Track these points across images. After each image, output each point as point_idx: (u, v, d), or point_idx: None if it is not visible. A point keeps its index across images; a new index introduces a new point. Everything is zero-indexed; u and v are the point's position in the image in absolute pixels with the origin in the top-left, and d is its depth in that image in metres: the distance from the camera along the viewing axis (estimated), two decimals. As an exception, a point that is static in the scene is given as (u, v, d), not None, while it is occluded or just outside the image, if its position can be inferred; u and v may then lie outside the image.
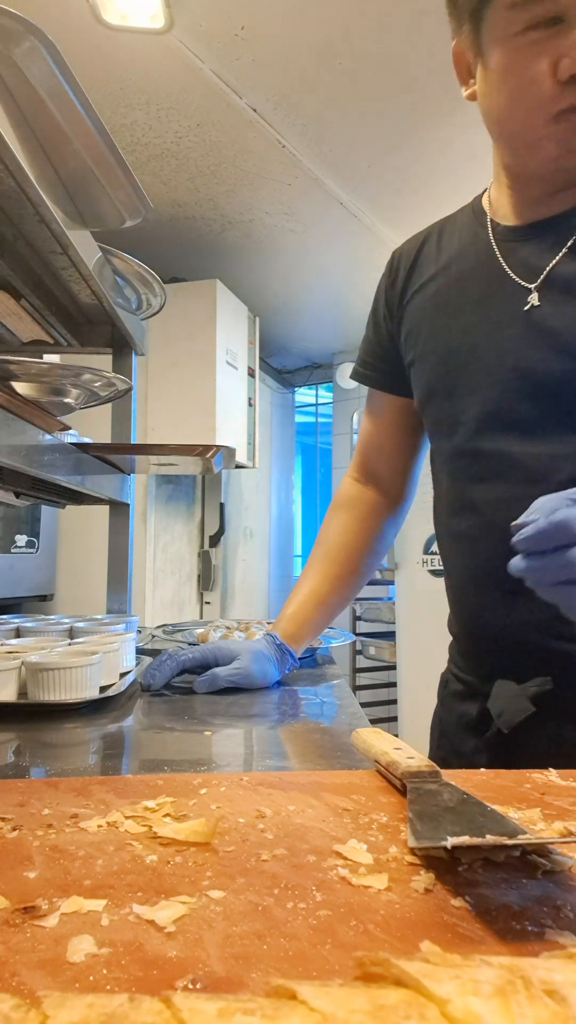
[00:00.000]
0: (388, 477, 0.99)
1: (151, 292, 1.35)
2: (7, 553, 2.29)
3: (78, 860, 0.36)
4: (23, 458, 0.84)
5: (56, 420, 0.99)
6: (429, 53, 1.72)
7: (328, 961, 0.27)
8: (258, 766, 0.62)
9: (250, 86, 1.87)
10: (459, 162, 2.21)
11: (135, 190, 0.87)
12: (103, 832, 0.39)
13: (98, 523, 1.57)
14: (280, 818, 0.41)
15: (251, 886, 0.33)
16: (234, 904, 0.31)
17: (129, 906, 0.31)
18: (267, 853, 0.36)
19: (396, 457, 0.98)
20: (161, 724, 0.76)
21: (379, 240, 2.73)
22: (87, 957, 0.27)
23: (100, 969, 0.26)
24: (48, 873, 0.34)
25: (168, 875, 0.34)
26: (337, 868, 0.35)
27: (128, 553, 1.48)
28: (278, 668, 0.90)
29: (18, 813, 0.42)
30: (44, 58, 0.65)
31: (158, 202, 2.45)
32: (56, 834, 0.39)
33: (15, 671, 0.80)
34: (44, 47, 0.64)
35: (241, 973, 0.26)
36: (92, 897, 0.31)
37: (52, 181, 0.83)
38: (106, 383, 0.98)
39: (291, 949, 0.27)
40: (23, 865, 0.35)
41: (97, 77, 1.83)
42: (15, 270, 1.06)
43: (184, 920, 0.30)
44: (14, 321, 1.21)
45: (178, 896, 0.32)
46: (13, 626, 1.12)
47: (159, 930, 0.29)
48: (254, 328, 3.09)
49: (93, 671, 0.81)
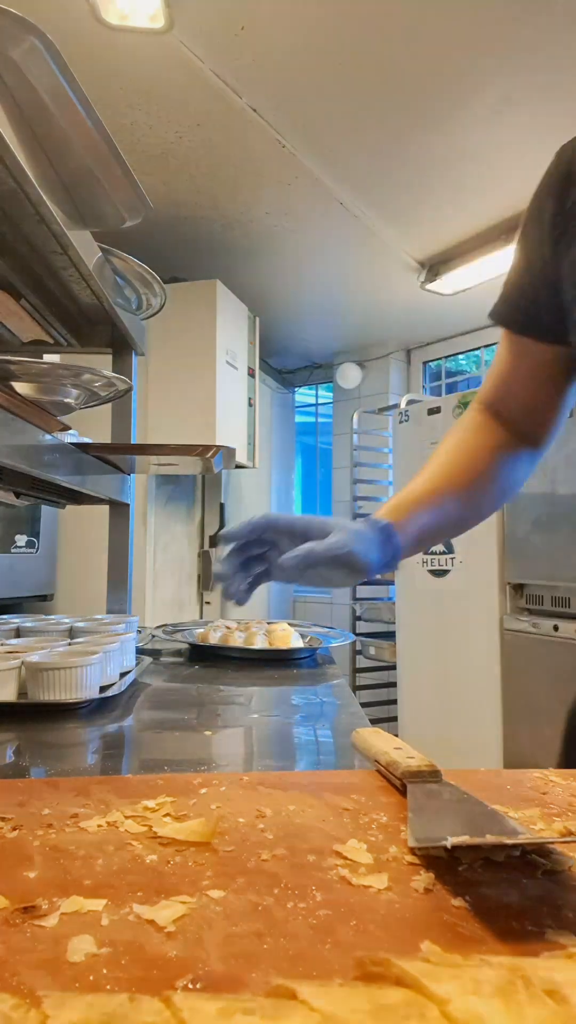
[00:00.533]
0: (522, 424, 0.82)
1: (151, 292, 1.35)
2: (7, 553, 2.29)
3: (78, 860, 0.36)
4: (23, 458, 0.84)
5: (56, 420, 0.99)
6: (429, 53, 1.72)
7: (328, 961, 0.27)
8: (258, 765, 0.62)
9: (250, 86, 1.87)
10: (459, 162, 2.21)
11: (135, 190, 0.87)
12: (103, 832, 0.39)
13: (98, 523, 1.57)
14: (280, 818, 0.41)
15: (251, 886, 0.33)
16: (234, 904, 0.31)
17: (129, 905, 0.31)
18: (267, 853, 0.36)
19: (535, 409, 0.81)
20: (161, 724, 0.76)
21: (379, 240, 2.73)
22: (87, 957, 0.27)
23: (100, 969, 0.26)
24: (48, 873, 0.34)
25: (168, 875, 0.34)
26: (337, 868, 0.35)
27: (128, 553, 1.48)
28: (380, 553, 0.69)
29: (18, 813, 0.42)
30: (44, 58, 0.65)
31: (158, 202, 2.45)
32: (56, 834, 0.39)
33: (15, 671, 0.80)
34: (44, 47, 0.64)
35: (241, 972, 0.26)
36: (92, 897, 0.31)
37: (52, 181, 0.83)
38: (106, 383, 0.98)
39: (291, 949, 0.27)
40: (23, 865, 0.35)
41: (97, 77, 1.83)
42: (15, 270, 1.06)
43: (184, 920, 0.30)
44: (14, 321, 1.20)
45: (178, 896, 0.32)
46: (13, 626, 1.12)
47: (159, 930, 0.29)
48: (254, 328, 3.09)
49: (93, 671, 0.80)
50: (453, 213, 2.53)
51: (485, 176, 2.29)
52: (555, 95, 1.90)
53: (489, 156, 2.18)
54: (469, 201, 2.45)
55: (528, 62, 1.76)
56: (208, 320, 2.72)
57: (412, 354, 4.12)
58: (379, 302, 3.38)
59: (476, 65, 1.77)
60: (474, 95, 1.90)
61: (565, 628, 2.42)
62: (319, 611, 4.25)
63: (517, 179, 2.30)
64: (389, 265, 2.95)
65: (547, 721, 2.47)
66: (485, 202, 2.45)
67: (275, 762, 0.65)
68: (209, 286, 2.74)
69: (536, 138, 2.08)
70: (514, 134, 2.07)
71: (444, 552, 2.93)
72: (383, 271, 3.01)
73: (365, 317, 3.59)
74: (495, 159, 2.19)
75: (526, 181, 2.30)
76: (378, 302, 3.38)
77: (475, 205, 2.47)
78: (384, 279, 3.10)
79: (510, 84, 1.85)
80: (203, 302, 2.73)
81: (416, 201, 2.45)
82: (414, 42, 1.69)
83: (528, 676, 2.55)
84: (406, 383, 4.11)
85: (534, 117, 1.99)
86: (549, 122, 2.01)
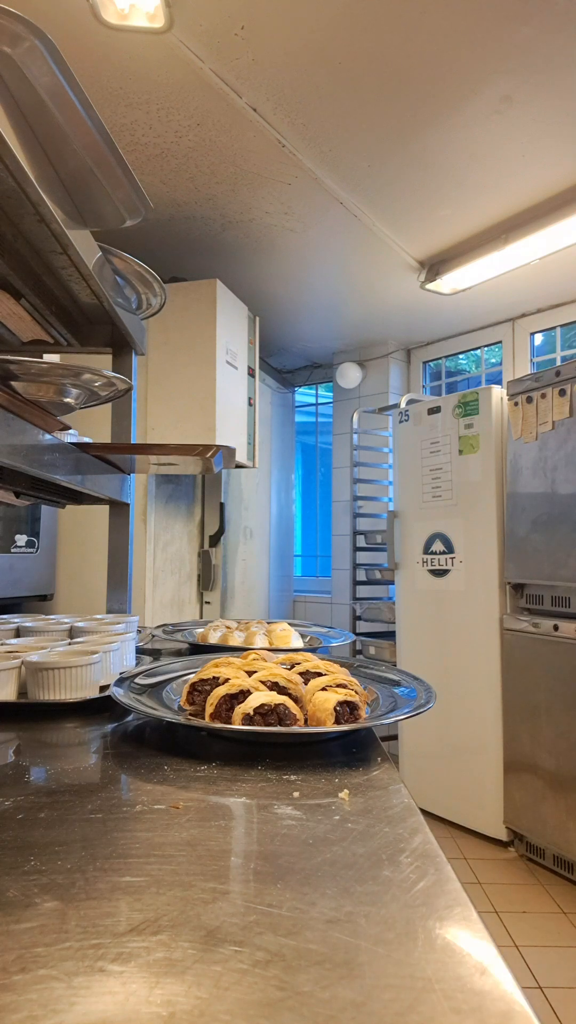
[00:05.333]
0: None
1: (151, 292, 1.35)
2: (7, 553, 2.29)
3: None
4: (23, 458, 0.84)
5: (56, 420, 0.99)
6: (429, 53, 1.72)
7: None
8: (259, 765, 0.62)
9: (250, 85, 1.87)
10: (459, 162, 2.21)
11: (135, 190, 0.87)
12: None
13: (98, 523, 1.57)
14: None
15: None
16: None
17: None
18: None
19: None
20: (161, 723, 0.76)
21: (379, 240, 2.73)
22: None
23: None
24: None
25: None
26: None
27: (128, 553, 1.48)
28: None
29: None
30: (44, 58, 0.65)
31: (158, 202, 2.45)
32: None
33: (15, 671, 0.80)
34: (44, 47, 0.64)
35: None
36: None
37: (52, 181, 0.83)
38: (106, 383, 0.98)
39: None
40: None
41: (97, 77, 1.83)
42: (15, 270, 1.06)
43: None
44: (14, 321, 1.20)
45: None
46: (13, 626, 1.12)
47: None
48: (254, 328, 3.09)
49: (93, 671, 0.81)
50: (453, 213, 2.53)
51: (485, 176, 2.29)
52: (555, 95, 1.90)
53: (489, 156, 2.18)
54: (469, 201, 2.45)
55: (528, 62, 1.76)
56: (208, 320, 2.72)
57: (412, 354, 4.12)
58: (379, 302, 3.38)
59: (476, 65, 1.77)
60: (474, 95, 1.90)
61: (565, 628, 2.42)
62: (319, 611, 4.25)
63: (517, 179, 2.30)
64: (389, 265, 2.95)
65: (547, 721, 2.47)
66: (485, 202, 2.45)
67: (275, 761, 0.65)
68: (209, 286, 2.74)
69: (536, 138, 2.08)
70: (514, 134, 2.07)
71: (444, 552, 2.93)
72: (383, 271, 3.01)
73: (365, 317, 3.59)
74: (495, 159, 2.19)
75: (526, 181, 2.31)
76: (378, 302, 3.38)
77: (475, 205, 2.47)
78: (384, 279, 3.10)
79: (510, 84, 1.85)
80: (203, 302, 2.73)
81: (416, 201, 2.45)
82: (414, 42, 1.69)
83: (528, 676, 2.56)
84: (406, 383, 4.11)
85: (534, 117, 1.99)
86: (549, 122, 2.01)
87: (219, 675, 0.73)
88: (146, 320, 1.47)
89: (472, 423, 2.84)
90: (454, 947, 0.35)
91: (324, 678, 0.73)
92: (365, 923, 0.37)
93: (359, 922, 0.37)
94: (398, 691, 0.81)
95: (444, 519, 2.94)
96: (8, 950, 0.34)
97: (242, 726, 0.64)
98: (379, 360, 4.04)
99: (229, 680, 0.70)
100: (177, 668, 0.92)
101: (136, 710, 0.69)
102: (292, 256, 2.89)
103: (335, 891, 0.40)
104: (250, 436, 3.05)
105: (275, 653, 0.91)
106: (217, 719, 0.67)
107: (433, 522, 2.99)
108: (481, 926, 0.36)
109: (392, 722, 0.68)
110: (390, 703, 0.76)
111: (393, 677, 0.88)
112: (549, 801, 2.45)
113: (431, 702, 0.73)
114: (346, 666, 0.92)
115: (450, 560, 2.90)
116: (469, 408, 2.85)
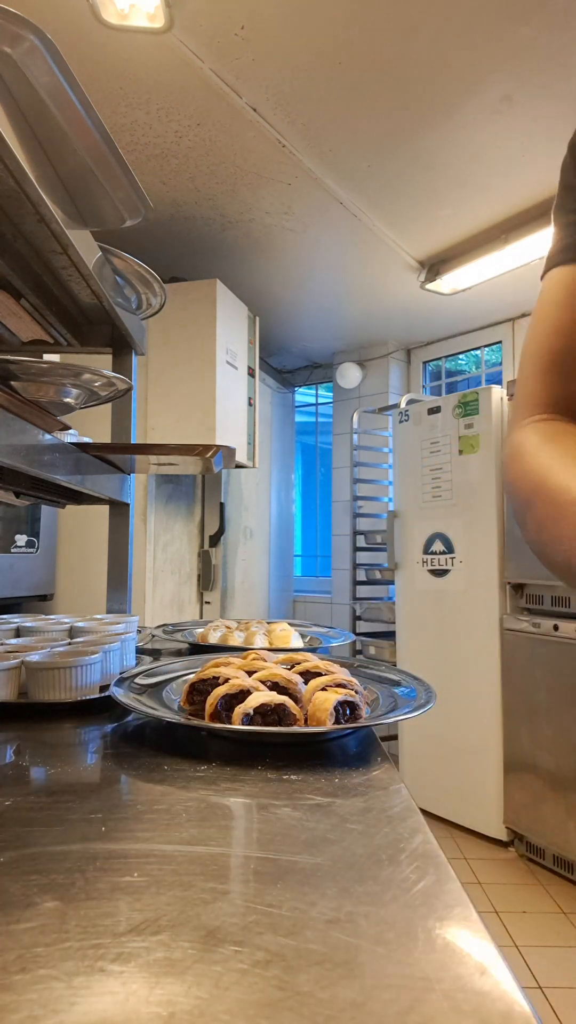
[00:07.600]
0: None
1: (151, 292, 1.35)
2: (7, 553, 2.29)
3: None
4: (23, 458, 0.84)
5: (56, 420, 0.99)
6: (428, 53, 1.72)
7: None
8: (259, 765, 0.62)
9: (250, 85, 1.87)
10: (459, 161, 2.21)
11: (135, 190, 0.87)
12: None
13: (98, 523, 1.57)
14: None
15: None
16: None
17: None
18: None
19: None
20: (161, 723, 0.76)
21: (379, 240, 2.73)
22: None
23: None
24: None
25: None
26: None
27: (128, 553, 1.48)
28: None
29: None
30: (44, 58, 0.65)
31: (158, 202, 2.45)
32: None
33: (15, 671, 0.80)
34: (44, 47, 0.64)
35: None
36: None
37: (52, 181, 0.83)
38: (106, 383, 0.98)
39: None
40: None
41: (97, 77, 1.83)
42: (15, 270, 1.06)
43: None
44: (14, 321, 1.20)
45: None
46: (13, 626, 1.12)
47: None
48: (254, 328, 3.09)
49: (93, 671, 0.81)
50: (453, 213, 2.53)
51: (485, 176, 2.29)
52: (555, 95, 1.90)
53: (489, 156, 2.18)
54: (469, 201, 2.45)
55: (528, 62, 1.76)
56: (208, 320, 2.72)
57: (412, 354, 4.12)
58: (379, 302, 3.38)
59: (476, 65, 1.77)
60: (474, 95, 1.90)
61: (565, 628, 2.42)
62: (319, 611, 4.25)
63: (517, 179, 2.30)
64: (389, 265, 2.95)
65: (547, 721, 2.47)
66: (485, 202, 2.45)
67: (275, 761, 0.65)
68: (209, 286, 2.74)
69: (536, 138, 2.08)
70: (514, 134, 2.07)
71: (444, 552, 2.93)
72: (383, 271, 3.01)
73: (365, 317, 3.59)
74: (495, 159, 2.19)
75: (526, 181, 2.31)
76: (378, 302, 3.38)
77: (475, 205, 2.47)
78: (384, 279, 3.10)
79: (510, 84, 1.85)
80: (203, 302, 2.73)
81: (416, 201, 2.45)
82: (414, 42, 1.69)
83: (528, 676, 2.55)
84: (406, 383, 4.11)
85: (534, 117, 1.99)
86: (549, 122, 2.01)
87: (219, 675, 0.73)
88: (146, 320, 1.47)
89: (472, 423, 2.84)
90: (454, 947, 0.35)
91: (324, 678, 0.73)
92: (365, 923, 0.37)
93: (359, 922, 0.37)
94: (398, 691, 0.81)
95: (444, 519, 2.94)
96: (8, 950, 0.34)
97: (242, 726, 0.64)
98: (379, 360, 4.04)
99: (229, 680, 0.70)
100: (177, 668, 0.92)
101: (136, 710, 0.69)
102: (292, 256, 2.89)
103: (335, 891, 0.40)
104: (250, 436, 3.05)
105: (275, 653, 0.91)
106: (217, 719, 0.67)
107: (433, 522, 2.99)
108: (481, 926, 0.36)
109: (392, 722, 0.68)
110: (390, 703, 0.76)
111: (393, 677, 0.88)
112: (549, 801, 2.45)
113: (431, 702, 0.73)
114: (346, 666, 0.92)
115: (450, 560, 2.90)
116: (469, 408, 2.85)
